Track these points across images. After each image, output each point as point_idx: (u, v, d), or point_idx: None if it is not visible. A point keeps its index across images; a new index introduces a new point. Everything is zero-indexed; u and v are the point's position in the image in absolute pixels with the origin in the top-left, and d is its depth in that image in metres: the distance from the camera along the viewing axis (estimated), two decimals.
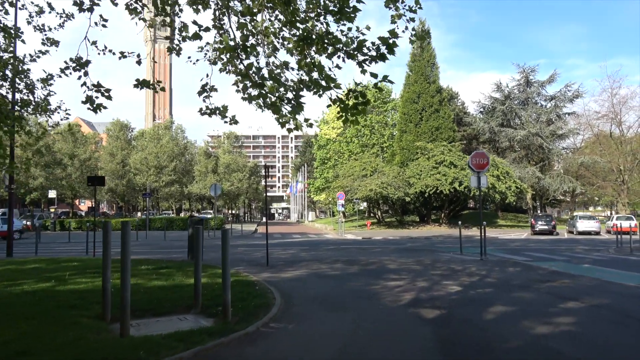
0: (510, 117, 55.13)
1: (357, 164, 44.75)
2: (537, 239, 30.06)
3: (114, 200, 67.78)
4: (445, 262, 15.07)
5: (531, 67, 54.33)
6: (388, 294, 8.92)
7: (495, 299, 8.49)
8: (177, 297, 8.37)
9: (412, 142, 44.03)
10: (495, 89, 56.13)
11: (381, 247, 22.21)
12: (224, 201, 68.87)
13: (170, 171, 55.30)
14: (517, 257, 17.32)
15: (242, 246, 23.63)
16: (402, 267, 13.44)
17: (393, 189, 39.31)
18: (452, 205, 44.26)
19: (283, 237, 33.25)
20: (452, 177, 38.52)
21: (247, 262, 14.95)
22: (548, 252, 19.87)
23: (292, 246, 23.51)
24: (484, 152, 16.35)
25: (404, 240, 28.16)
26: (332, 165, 56.26)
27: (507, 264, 14.51)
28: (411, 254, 18.41)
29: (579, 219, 36.41)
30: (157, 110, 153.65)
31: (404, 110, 45.86)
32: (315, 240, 29.15)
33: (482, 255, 16.40)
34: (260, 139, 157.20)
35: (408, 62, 46.70)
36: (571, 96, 53.82)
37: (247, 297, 8.31)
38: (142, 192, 50.48)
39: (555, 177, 51.05)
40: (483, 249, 16.53)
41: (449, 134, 44.64)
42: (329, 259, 15.74)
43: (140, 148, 56.78)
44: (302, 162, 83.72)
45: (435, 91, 45.16)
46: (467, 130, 56.66)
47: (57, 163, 43.70)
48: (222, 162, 61.37)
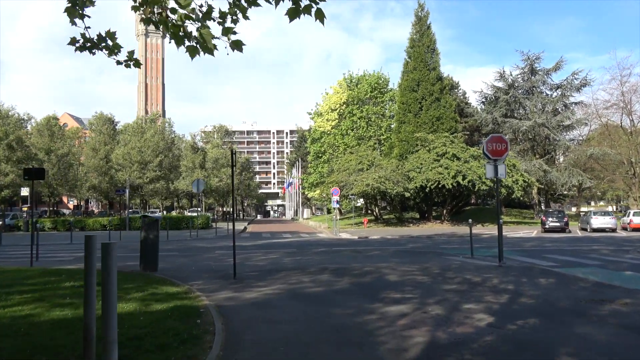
0: (514, 108, 52.28)
1: (353, 158, 41.85)
2: (550, 237, 27.24)
3: (99, 198, 64.66)
4: (457, 270, 12.19)
5: (536, 55, 51.46)
6: (389, 333, 6.00)
7: (553, 341, 5.60)
8: (68, 342, 5.44)
9: (412, 133, 41.11)
10: (499, 77, 53.23)
11: (379, 249, 19.32)
12: (214, 198, 65.77)
13: (155, 167, 52.12)
14: (540, 262, 14.47)
15: (221, 249, 20.71)
16: (406, 279, 10.56)
17: (391, 184, 36.44)
18: (455, 201, 41.40)
19: (272, 237, 30.39)
20: (455, 170, 35.68)
21: (211, 272, 12.01)
22: (572, 255, 17.04)
23: (277, 249, 20.61)
24: (501, 135, 13.46)
25: (404, 240, 25.28)
26: (327, 160, 53.32)
27: (534, 273, 11.64)
28: (414, 258, 15.54)
29: (593, 214, 33.63)
30: (150, 107, 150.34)
31: (403, 99, 42.87)
32: (306, 241, 26.25)
33: (500, 260, 13.56)
34: (255, 134, 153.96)
35: (406, 48, 43.75)
36: (578, 85, 50.98)
37: (171, 342, 5.39)
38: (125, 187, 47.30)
39: (562, 170, 48.25)
40: (500, 253, 13.69)
41: (450, 124, 41.73)
42: (314, 267, 12.84)
43: (123, 143, 53.59)
44: (296, 157, 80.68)
45: (436, 79, 42.21)
46: (469, 122, 53.83)
47: (31, 158, 40.59)
48: (210, 157, 58.19)
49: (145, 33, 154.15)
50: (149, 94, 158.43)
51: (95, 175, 55.55)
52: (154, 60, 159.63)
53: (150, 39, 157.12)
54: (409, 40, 43.71)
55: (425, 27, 42.99)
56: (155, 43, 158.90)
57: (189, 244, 23.87)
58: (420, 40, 42.69)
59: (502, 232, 13.91)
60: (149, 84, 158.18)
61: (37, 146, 43.78)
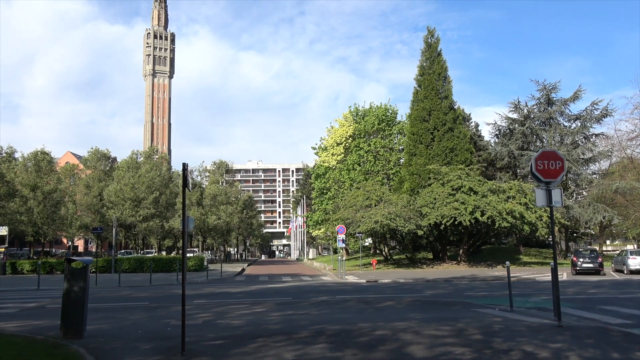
0: (531, 140, 49.11)
1: (360, 193, 38.55)
2: (588, 281, 23.64)
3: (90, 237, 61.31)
4: (505, 333, 8.72)
5: (552, 84, 48.53)
6: None
7: None
8: None
9: (423, 165, 37.87)
10: (513, 108, 50.23)
11: (392, 298, 15.81)
12: (212, 238, 62.21)
13: (149, 204, 48.95)
14: (607, 319, 11.03)
15: (203, 297, 17.29)
16: (438, 354, 7.14)
17: (402, 221, 32.99)
18: (472, 240, 37.71)
19: (269, 281, 26.90)
20: (472, 205, 32.23)
21: (159, 340, 8.54)
22: (636, 306, 13.61)
23: (270, 297, 17.15)
24: (554, 151, 10.25)
25: (419, 285, 21.69)
26: (332, 196, 50.00)
27: (616, 339, 8.18)
28: (439, 312, 12.05)
29: (630, 254, 29.88)
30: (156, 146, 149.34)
31: (413, 129, 39.83)
32: (306, 286, 22.74)
33: (559, 318, 10.10)
34: (260, 172, 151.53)
35: (415, 77, 41.03)
36: (599, 115, 47.79)
37: None
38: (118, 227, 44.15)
39: (586, 205, 44.52)
40: (558, 308, 10.23)
41: (465, 155, 38.49)
42: (307, 330, 9.41)
43: (117, 179, 50.66)
44: (301, 194, 77.48)
45: (448, 107, 39.28)
46: (483, 155, 50.62)
47: (12, 195, 37.60)
48: (208, 193, 55.00)
49: (153, 73, 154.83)
50: (155, 134, 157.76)
51: (88, 213, 52.50)
52: (160, 100, 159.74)
53: (158, 79, 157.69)
54: (418, 68, 41.08)
55: (436, 54, 40.41)
56: (162, 83, 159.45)
57: (169, 291, 20.46)
58: (430, 68, 40.04)
59: (557, 278, 10.50)
60: (155, 124, 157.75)
61: (23, 182, 40.94)
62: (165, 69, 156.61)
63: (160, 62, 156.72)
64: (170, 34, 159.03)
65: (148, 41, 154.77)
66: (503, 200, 33.16)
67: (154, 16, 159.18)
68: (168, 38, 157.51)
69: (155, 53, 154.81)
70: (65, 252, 52.94)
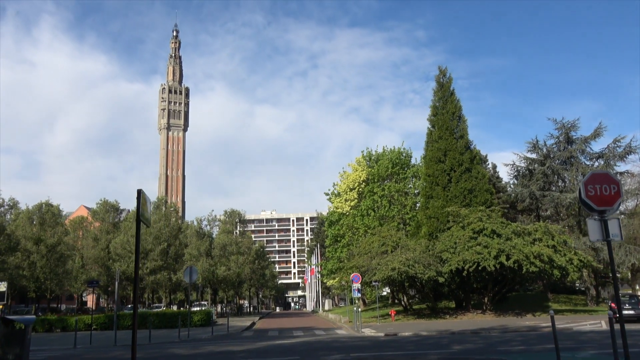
0: (552, 180, 47.00)
1: (375, 239, 36.49)
2: (634, 330, 21.00)
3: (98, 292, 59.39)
4: None
5: (571, 122, 46.92)
6: None
7: None
8: None
9: (441, 208, 35.88)
10: (531, 148, 48.40)
11: (415, 356, 13.66)
12: (222, 290, 59.87)
13: (156, 255, 47.23)
14: None
15: (198, 357, 15.30)
16: None
17: (422, 267, 30.74)
18: (497, 287, 35.09)
19: (279, 336, 24.69)
20: (496, 249, 29.96)
21: None
22: None
23: (275, 357, 15.09)
24: (607, 172, 8.49)
25: (445, 339, 19.36)
26: (346, 244, 47.87)
27: None
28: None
29: None
30: (170, 198, 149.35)
31: (429, 171, 38.12)
32: (318, 342, 20.53)
33: None
34: (274, 222, 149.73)
35: (429, 117, 39.71)
36: (622, 153, 45.69)
37: None
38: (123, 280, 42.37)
39: (617, 247, 41.80)
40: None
41: (485, 196, 36.46)
42: None
43: (124, 230, 49.28)
44: (315, 243, 75.25)
45: (465, 147, 37.66)
46: (502, 197, 48.50)
47: (12, 249, 36.27)
48: (217, 243, 53.16)
49: (167, 126, 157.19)
50: (169, 186, 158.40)
51: (95, 267, 50.90)
52: (175, 152, 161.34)
53: (172, 132, 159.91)
54: (431, 109, 39.82)
55: (449, 94, 39.23)
56: (177, 136, 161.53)
57: (167, 350, 18.46)
58: (444, 107, 38.75)
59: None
60: (170, 176, 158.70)
61: (27, 235, 39.71)
62: (180, 122, 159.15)
63: (175, 116, 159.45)
64: (185, 88, 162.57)
65: (163, 96, 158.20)
66: (529, 243, 30.87)
67: (169, 72, 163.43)
68: (182, 92, 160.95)
69: (170, 107, 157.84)
70: (67, 307, 51.05)
